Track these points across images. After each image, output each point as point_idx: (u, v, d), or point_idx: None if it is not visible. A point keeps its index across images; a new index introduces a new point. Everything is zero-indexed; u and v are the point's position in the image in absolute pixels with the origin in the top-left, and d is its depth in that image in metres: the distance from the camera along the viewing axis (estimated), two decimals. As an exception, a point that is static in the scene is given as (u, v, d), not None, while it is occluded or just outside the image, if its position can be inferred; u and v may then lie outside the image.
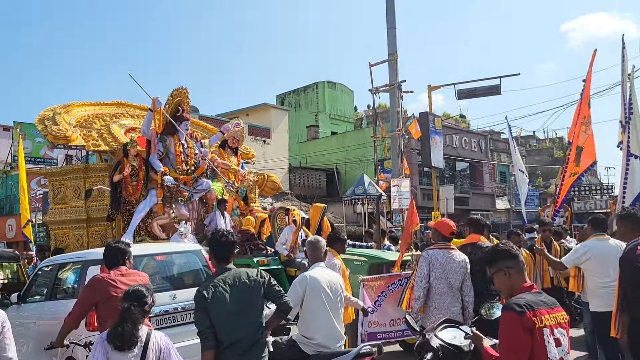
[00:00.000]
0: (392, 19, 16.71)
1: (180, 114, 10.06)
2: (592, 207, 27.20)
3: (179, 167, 10.02)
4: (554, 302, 2.64)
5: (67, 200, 10.66)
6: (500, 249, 2.83)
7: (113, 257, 4.40)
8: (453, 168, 28.97)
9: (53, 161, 23.45)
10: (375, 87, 17.39)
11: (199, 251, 6.49)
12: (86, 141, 10.70)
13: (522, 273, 2.73)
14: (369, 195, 14.35)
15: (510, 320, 2.49)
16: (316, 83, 33.65)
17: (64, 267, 6.37)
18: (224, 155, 11.47)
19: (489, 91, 18.47)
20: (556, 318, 2.55)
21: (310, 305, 4.07)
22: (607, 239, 5.53)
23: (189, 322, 5.76)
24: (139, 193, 9.74)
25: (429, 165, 17.65)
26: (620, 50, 8.42)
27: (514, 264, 2.74)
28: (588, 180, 41.04)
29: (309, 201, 20.99)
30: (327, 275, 4.23)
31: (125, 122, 11.93)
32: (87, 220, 10.43)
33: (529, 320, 2.44)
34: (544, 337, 2.46)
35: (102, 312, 4.20)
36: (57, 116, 10.61)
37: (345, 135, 29.95)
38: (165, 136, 9.93)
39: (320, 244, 4.40)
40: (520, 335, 2.44)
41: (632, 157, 7.71)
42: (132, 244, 8.55)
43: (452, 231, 5.24)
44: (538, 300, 2.56)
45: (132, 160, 9.65)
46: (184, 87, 10.20)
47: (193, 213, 10.38)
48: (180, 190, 9.92)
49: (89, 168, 10.92)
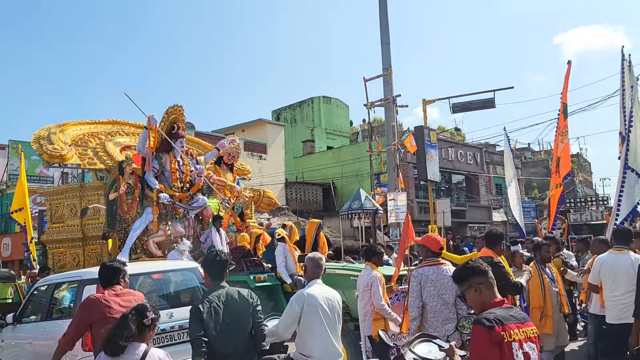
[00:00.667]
0: (386, 34, 16.87)
1: (176, 132, 10.05)
2: (588, 219, 27.27)
3: (175, 184, 10.00)
4: (525, 317, 2.71)
5: (64, 219, 10.64)
6: (470, 267, 2.90)
7: (108, 276, 4.36)
8: (449, 181, 29.04)
9: (49, 179, 23.41)
10: (370, 102, 17.51)
11: (195, 269, 6.45)
12: (82, 160, 10.70)
13: (492, 288, 2.81)
14: (366, 209, 14.33)
15: (479, 334, 2.56)
16: (312, 98, 33.82)
17: (60, 287, 6.32)
18: (219, 172, 11.48)
19: (484, 104, 18.62)
20: (526, 332, 2.61)
21: (307, 322, 4.04)
22: (624, 252, 5.57)
23: (187, 341, 5.72)
24: (135, 211, 9.71)
25: (425, 178, 17.72)
26: (620, 63, 8.46)
27: (483, 280, 2.82)
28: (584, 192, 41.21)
29: (306, 216, 20.96)
30: (325, 292, 4.21)
31: (120, 140, 11.96)
32: (82, 239, 10.40)
33: (497, 334, 2.51)
34: (513, 351, 2.52)
35: (97, 333, 4.11)
36: (52, 135, 10.62)
37: (341, 149, 30.03)
38: (160, 154, 9.92)
39: (322, 262, 4.37)
40: (488, 349, 2.51)
41: (628, 170, 7.72)
42: (128, 263, 8.55)
43: (441, 246, 5.25)
44: (508, 315, 2.62)
45: (128, 178, 9.64)
46: (179, 105, 10.20)
47: (189, 230, 10.36)
48: (176, 207, 9.89)
49: (85, 187, 10.92)
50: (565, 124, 10.20)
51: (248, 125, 29.24)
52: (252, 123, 29.30)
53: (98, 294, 4.35)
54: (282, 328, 4.07)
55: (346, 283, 7.07)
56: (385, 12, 16.95)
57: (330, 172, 27.84)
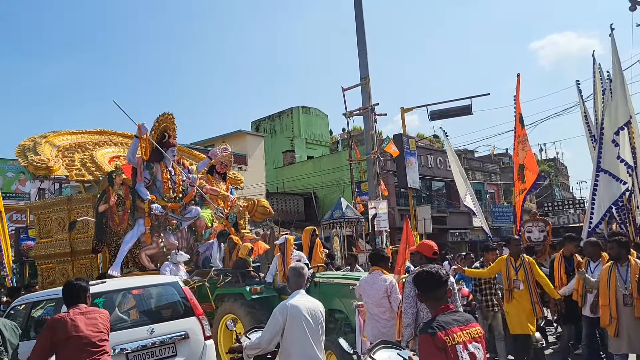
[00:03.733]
0: (362, 42, 16.94)
1: (167, 140, 9.76)
2: (566, 222, 27.69)
3: (167, 194, 9.71)
4: (468, 319, 2.87)
5: (52, 234, 10.29)
6: (426, 277, 3.05)
7: (74, 294, 4.23)
8: (429, 188, 29.23)
9: (25, 196, 23.02)
10: (349, 111, 17.55)
11: (176, 283, 6.38)
12: (69, 171, 10.35)
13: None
14: (347, 218, 14.38)
15: (424, 341, 2.72)
16: (291, 108, 33.84)
17: (38, 305, 6.21)
18: (212, 181, 11.19)
19: (461, 111, 18.88)
20: (470, 333, 2.78)
21: (291, 333, 4.02)
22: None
23: (169, 357, 5.66)
24: (126, 223, 9.43)
25: (405, 186, 17.81)
26: (592, 67, 8.63)
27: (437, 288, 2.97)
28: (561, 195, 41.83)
29: (287, 226, 20.90)
30: (308, 302, 4.20)
31: (108, 151, 11.62)
32: (71, 253, 10.05)
33: (440, 339, 2.67)
34: (457, 353, 2.67)
35: (63, 354, 3.93)
36: (37, 146, 10.27)
37: (321, 159, 30.07)
38: (151, 163, 9.62)
39: (304, 271, 4.34)
40: (434, 354, 2.66)
41: (601, 172, 7.82)
42: (116, 277, 8.30)
43: (435, 251, 5.22)
44: (451, 320, 2.79)
45: (118, 189, 9.38)
46: (170, 113, 9.88)
47: (182, 242, 10.07)
48: (169, 218, 9.61)
49: (73, 199, 10.55)
50: (524, 132, 10.59)
51: (228, 137, 29.11)
52: (231, 134, 29.20)
53: (62, 313, 4.17)
54: (266, 340, 4.03)
55: (344, 292, 6.82)
56: (361, 21, 17.05)
57: (311, 182, 27.85)
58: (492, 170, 34.52)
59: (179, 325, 5.86)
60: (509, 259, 6.84)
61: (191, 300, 6.18)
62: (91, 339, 3.97)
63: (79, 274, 9.92)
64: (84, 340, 3.93)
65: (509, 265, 6.76)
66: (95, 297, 5.32)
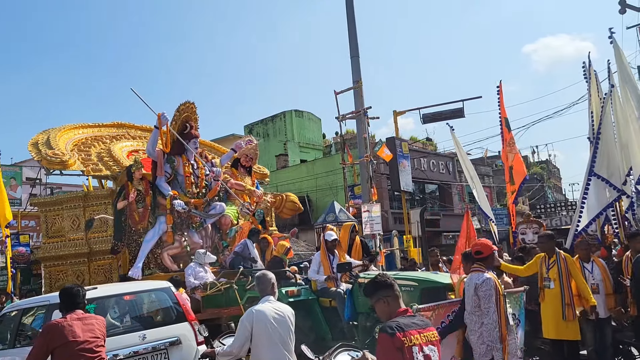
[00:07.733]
0: (355, 47, 17.03)
1: (189, 131, 9.18)
2: (558, 224, 27.80)
3: (189, 189, 9.16)
4: (426, 323, 3.00)
5: (64, 233, 9.74)
6: (378, 281, 3.14)
7: (70, 300, 4.20)
8: (423, 191, 29.29)
9: (16, 201, 22.84)
10: (342, 115, 17.59)
11: (168, 288, 6.34)
12: (85, 166, 9.85)
13: (397, 300, 3.09)
14: (340, 221, 14.37)
15: (383, 340, 2.83)
16: (283, 112, 33.85)
17: (29, 312, 6.16)
18: (237, 176, 10.52)
19: (453, 114, 18.92)
20: (427, 337, 2.89)
21: (259, 339, 4.07)
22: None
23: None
24: (146, 221, 8.93)
25: (398, 189, 17.82)
26: (587, 69, 8.63)
27: (390, 292, 3.08)
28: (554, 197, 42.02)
29: (281, 230, 20.84)
30: (275, 308, 4.21)
31: (126, 144, 11.10)
32: (88, 254, 9.52)
33: (398, 340, 2.78)
34: (413, 354, 2.79)
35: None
36: (52, 140, 9.77)
37: (314, 162, 30.07)
38: (172, 156, 9.06)
39: (267, 278, 4.32)
40: (391, 353, 2.78)
41: (594, 176, 7.76)
42: (141, 279, 7.96)
43: (493, 250, 5.20)
44: (410, 322, 2.90)
45: (138, 185, 8.85)
46: (192, 102, 9.28)
47: (206, 240, 9.50)
48: (192, 215, 9.05)
49: (90, 195, 9.95)
50: (511, 135, 10.84)
51: (221, 141, 29.01)
52: (224, 138, 29.17)
53: (59, 318, 4.14)
54: (237, 347, 4.11)
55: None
56: (353, 25, 17.14)
57: (304, 186, 27.83)
58: (485, 173, 34.64)
59: (171, 331, 5.84)
60: (545, 256, 6.59)
61: (183, 305, 6.17)
62: (88, 344, 3.96)
63: (97, 276, 9.43)
64: (81, 346, 3.93)
65: (543, 262, 6.55)
66: (87, 304, 5.28)
